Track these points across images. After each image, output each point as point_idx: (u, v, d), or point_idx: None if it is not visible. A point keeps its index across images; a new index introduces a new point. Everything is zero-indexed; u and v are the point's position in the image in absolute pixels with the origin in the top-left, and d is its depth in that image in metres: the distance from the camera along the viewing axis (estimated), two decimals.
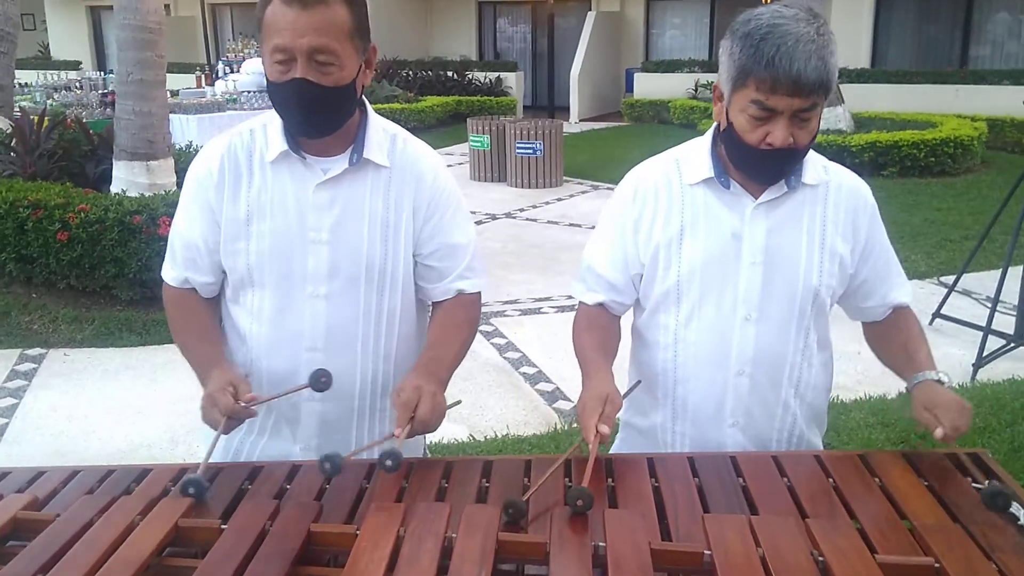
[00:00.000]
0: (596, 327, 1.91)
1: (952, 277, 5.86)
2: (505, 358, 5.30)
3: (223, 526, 1.42)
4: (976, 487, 1.58)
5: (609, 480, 1.61)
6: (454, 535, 1.37)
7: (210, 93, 12.43)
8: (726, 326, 1.80)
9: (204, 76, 14.65)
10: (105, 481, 1.66)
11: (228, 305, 1.94)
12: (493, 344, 5.52)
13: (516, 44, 21.84)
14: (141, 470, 1.69)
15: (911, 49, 16.97)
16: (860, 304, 1.92)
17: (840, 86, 12.01)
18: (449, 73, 19.34)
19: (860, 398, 4.50)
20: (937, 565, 1.31)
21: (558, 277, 6.97)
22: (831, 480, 1.62)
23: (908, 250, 7.40)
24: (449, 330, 1.92)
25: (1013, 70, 15.16)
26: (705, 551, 1.33)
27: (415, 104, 16.61)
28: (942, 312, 5.58)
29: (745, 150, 1.67)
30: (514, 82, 19.47)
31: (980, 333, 5.02)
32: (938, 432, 1.63)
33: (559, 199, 10.26)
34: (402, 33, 20.66)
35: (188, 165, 1.94)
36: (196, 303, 1.93)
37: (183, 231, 1.89)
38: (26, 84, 15.37)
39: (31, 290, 6.12)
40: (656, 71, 18.12)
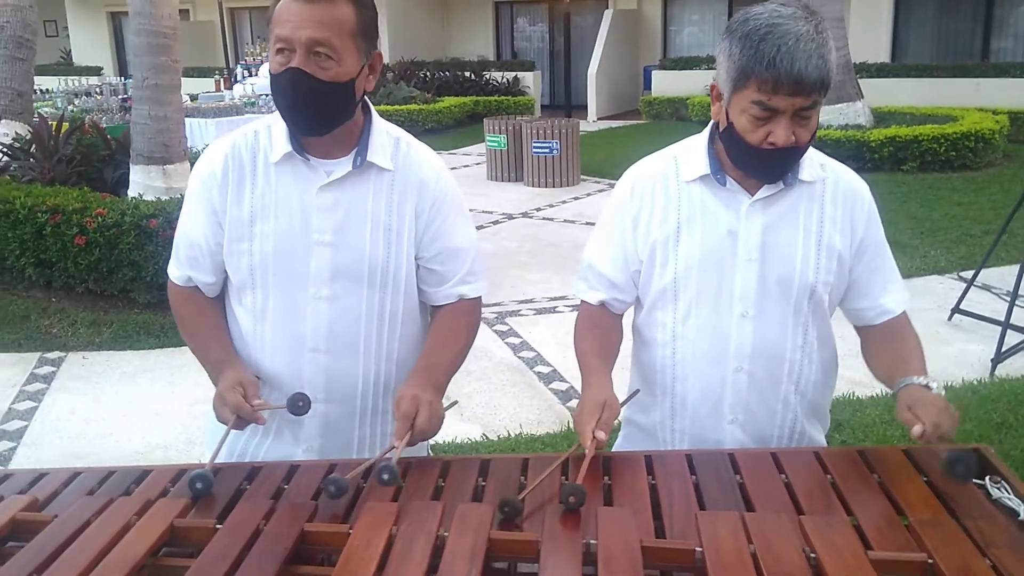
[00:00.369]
0: (598, 327, 1.91)
1: (972, 272, 5.80)
2: (520, 357, 5.30)
3: (218, 526, 1.44)
4: (976, 482, 1.57)
5: (606, 477, 1.61)
6: (447, 533, 1.37)
7: (228, 97, 12.53)
8: (723, 323, 1.79)
9: (223, 80, 14.78)
10: (105, 483, 1.67)
11: (231, 306, 1.95)
12: (508, 343, 5.51)
13: (533, 43, 21.83)
14: (141, 471, 1.70)
15: (932, 43, 16.77)
16: (853, 306, 1.89)
17: (859, 81, 11.92)
18: (467, 73, 19.38)
19: (876, 395, 4.45)
20: (931, 561, 1.30)
21: (574, 276, 6.87)
22: (829, 476, 1.61)
23: (928, 245, 7.33)
24: (448, 335, 1.93)
25: None
26: (697, 548, 1.32)
27: (433, 105, 16.65)
28: (961, 307, 5.53)
29: (747, 150, 1.66)
30: (532, 82, 19.45)
31: (999, 328, 4.97)
32: (916, 429, 1.58)
33: (576, 198, 10.24)
34: (420, 34, 20.73)
35: None
36: (203, 302, 1.95)
37: (186, 231, 1.91)
38: (47, 90, 15.53)
39: (50, 294, 6.20)
40: (674, 68, 18.05)
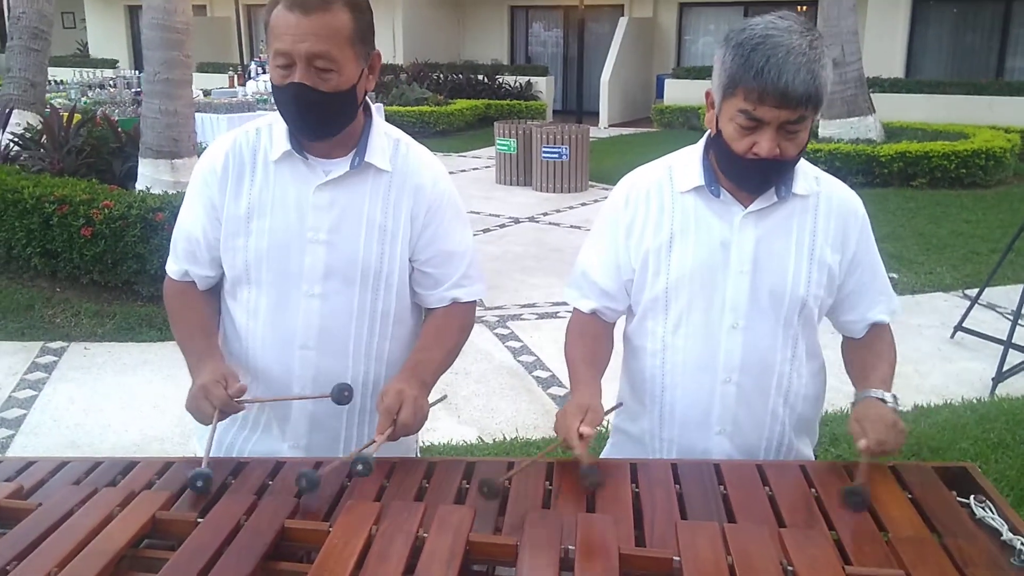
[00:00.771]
0: (588, 336, 1.91)
1: (976, 290, 5.77)
2: (519, 361, 5.30)
3: (199, 520, 1.44)
4: (961, 501, 1.57)
5: None
6: (426, 534, 1.38)
7: (241, 93, 12.54)
8: (713, 334, 1.79)
9: (236, 76, 14.82)
10: (92, 473, 1.68)
11: (226, 301, 1.96)
12: (508, 347, 5.52)
13: (548, 48, 21.82)
14: (128, 462, 1.71)
15: (946, 59, 16.71)
16: (841, 318, 1.91)
17: (872, 95, 11.89)
18: (480, 77, 19.40)
19: None
20: None
21: None
22: (814, 490, 1.61)
23: (934, 262, 7.31)
24: (440, 335, 1.93)
25: None
26: (675, 557, 1.33)
27: (445, 107, 16.68)
28: (964, 325, 5.51)
29: (732, 158, 1.67)
30: (544, 86, 19.45)
31: (1001, 348, 4.94)
32: (861, 443, 1.65)
33: (583, 204, 10.24)
34: (434, 36, 20.76)
35: None
36: (194, 297, 1.96)
37: (185, 225, 1.92)
38: (62, 81, 15.63)
39: (55, 284, 6.23)
40: (687, 78, 18.02)
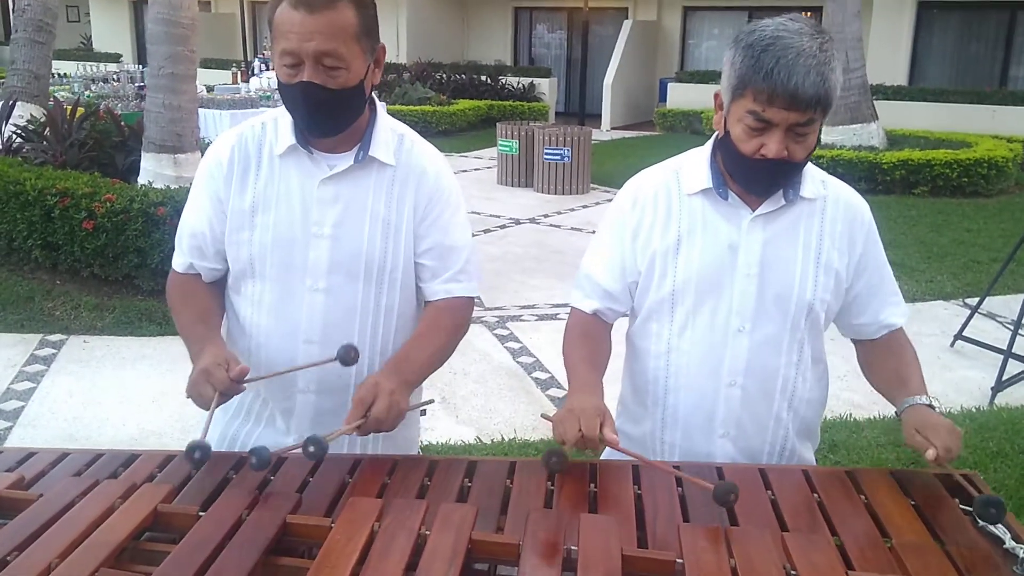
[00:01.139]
0: (589, 337, 1.90)
1: (977, 299, 5.77)
2: (518, 362, 5.30)
3: (201, 513, 1.44)
4: (964, 509, 1.56)
5: (592, 485, 1.61)
6: (428, 532, 1.37)
7: (244, 89, 12.56)
8: (719, 337, 1.79)
9: (240, 72, 14.82)
10: (93, 464, 1.68)
11: (230, 295, 1.97)
12: (507, 348, 5.52)
13: (551, 50, 21.84)
14: (129, 455, 1.70)
15: (950, 68, 16.74)
16: (852, 321, 1.90)
17: (875, 102, 11.90)
18: (483, 77, 19.40)
19: (874, 417, 4.44)
20: None
21: None
22: (816, 495, 1.60)
23: (934, 270, 7.31)
24: (430, 332, 1.91)
25: None
26: (677, 559, 1.32)
27: (447, 107, 16.68)
28: (964, 334, 5.51)
29: (740, 159, 1.67)
30: (547, 88, 19.46)
31: (1001, 357, 4.95)
32: (930, 453, 1.60)
33: (584, 206, 10.24)
34: (438, 36, 20.77)
35: None
36: (198, 287, 1.95)
37: (191, 219, 1.92)
38: (65, 75, 15.63)
39: (56, 277, 6.22)
40: (690, 81, 18.04)
